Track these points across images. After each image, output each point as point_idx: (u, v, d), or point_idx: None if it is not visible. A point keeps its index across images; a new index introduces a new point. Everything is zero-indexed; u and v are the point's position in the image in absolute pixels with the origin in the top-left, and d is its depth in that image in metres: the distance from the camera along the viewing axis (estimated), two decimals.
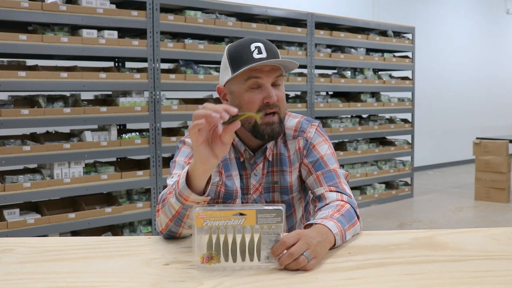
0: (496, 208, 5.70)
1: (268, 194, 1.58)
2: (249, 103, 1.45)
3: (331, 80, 5.56)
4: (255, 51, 1.45)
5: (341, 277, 1.08)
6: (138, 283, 1.06)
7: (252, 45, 1.46)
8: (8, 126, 3.51)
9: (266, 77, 1.45)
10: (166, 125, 4.41)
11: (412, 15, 8.16)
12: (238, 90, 1.47)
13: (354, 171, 5.81)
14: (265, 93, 1.45)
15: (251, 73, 1.44)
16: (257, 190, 1.57)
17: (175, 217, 1.28)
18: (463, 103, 9.32)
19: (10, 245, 1.29)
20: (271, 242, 1.14)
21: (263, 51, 1.45)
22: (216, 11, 4.61)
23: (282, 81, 1.51)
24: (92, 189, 3.89)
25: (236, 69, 1.45)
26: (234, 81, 1.48)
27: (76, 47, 3.77)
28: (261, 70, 1.45)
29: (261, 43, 1.47)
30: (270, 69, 1.46)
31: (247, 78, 1.45)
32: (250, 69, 1.44)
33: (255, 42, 1.47)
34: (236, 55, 1.47)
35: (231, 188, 1.55)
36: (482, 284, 1.05)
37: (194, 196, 1.21)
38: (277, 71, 1.47)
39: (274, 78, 1.47)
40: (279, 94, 1.47)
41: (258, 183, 1.56)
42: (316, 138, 1.58)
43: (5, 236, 3.36)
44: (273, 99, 1.44)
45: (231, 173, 1.56)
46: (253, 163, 1.56)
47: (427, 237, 1.37)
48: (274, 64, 1.45)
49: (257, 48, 1.45)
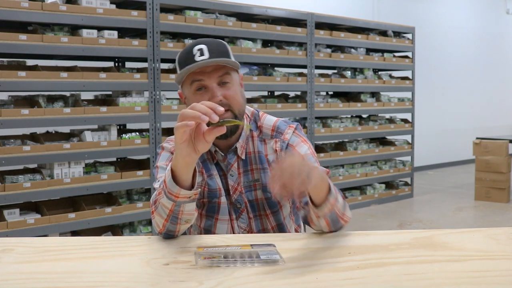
0: (496, 208, 5.70)
1: (250, 192, 1.57)
2: None
3: (331, 80, 5.56)
4: (197, 54, 1.45)
5: (341, 277, 1.08)
6: (138, 283, 1.06)
7: (194, 48, 1.47)
8: (8, 126, 3.51)
9: (209, 78, 1.46)
10: (166, 125, 4.41)
11: (412, 15, 8.16)
12: (188, 94, 1.51)
13: (354, 171, 5.81)
14: (210, 94, 1.46)
15: (194, 76, 1.47)
16: (237, 190, 1.57)
17: (170, 216, 1.30)
18: (463, 103, 9.32)
19: (10, 245, 1.29)
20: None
21: (205, 53, 1.45)
22: (216, 11, 4.61)
23: (232, 79, 1.49)
24: (92, 189, 3.89)
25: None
26: (184, 86, 1.52)
27: (76, 47, 3.77)
28: (203, 72, 1.46)
29: (205, 45, 1.47)
30: (213, 69, 1.46)
31: (191, 82, 1.48)
32: (193, 73, 1.46)
33: (198, 45, 1.47)
34: (181, 60, 1.51)
35: (214, 187, 1.56)
36: (482, 284, 1.05)
37: (183, 192, 1.25)
38: (220, 70, 1.47)
39: (218, 77, 1.47)
40: (227, 92, 1.46)
41: (236, 183, 1.56)
42: (294, 140, 1.58)
43: (5, 236, 3.36)
44: (217, 99, 1.44)
45: (211, 172, 1.57)
46: (227, 164, 1.57)
47: (427, 237, 1.37)
48: (216, 64, 1.45)
49: (199, 50, 1.46)
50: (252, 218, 1.58)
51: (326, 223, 1.37)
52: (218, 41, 1.51)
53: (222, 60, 1.45)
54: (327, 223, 1.37)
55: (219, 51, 1.47)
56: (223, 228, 1.57)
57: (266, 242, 1.29)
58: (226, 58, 1.46)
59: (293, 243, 1.32)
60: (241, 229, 1.58)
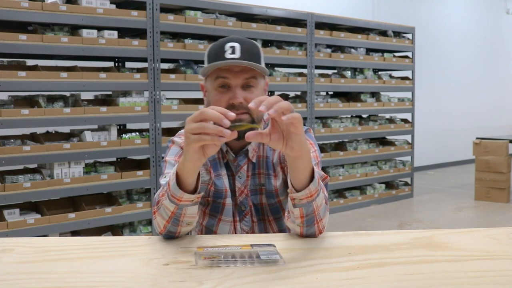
0: (496, 208, 5.70)
1: (256, 196, 1.57)
2: (215, 102, 1.47)
3: (331, 80, 5.56)
4: (228, 51, 1.43)
5: (341, 277, 1.08)
6: (138, 283, 1.06)
7: (227, 45, 1.45)
8: (8, 126, 3.52)
9: (235, 78, 1.44)
10: (166, 125, 4.41)
11: (412, 15, 8.16)
12: (210, 88, 1.50)
13: (354, 171, 5.81)
14: (231, 93, 1.45)
15: (220, 72, 1.45)
16: (243, 193, 1.56)
17: (172, 218, 1.29)
18: (463, 103, 9.32)
19: (10, 245, 1.29)
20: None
21: (236, 51, 1.43)
22: (216, 11, 4.61)
23: (257, 83, 1.48)
24: (92, 189, 3.89)
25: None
26: (208, 79, 1.51)
27: (76, 47, 3.77)
28: (230, 70, 1.44)
29: (238, 43, 1.45)
30: (240, 70, 1.44)
31: (216, 77, 1.46)
32: (219, 69, 1.44)
33: (231, 42, 1.45)
34: (212, 53, 1.48)
35: (221, 188, 1.55)
36: (482, 284, 1.05)
37: (187, 196, 1.24)
38: (248, 72, 1.45)
39: (244, 79, 1.45)
40: (249, 96, 1.44)
41: (243, 185, 1.56)
42: None
43: (5, 236, 3.36)
44: (237, 100, 1.43)
45: (220, 173, 1.56)
46: (236, 165, 1.56)
47: (427, 237, 1.37)
48: (245, 66, 1.43)
49: (231, 48, 1.44)
50: (256, 222, 1.57)
51: (300, 215, 1.28)
52: (252, 42, 1.50)
53: (252, 64, 1.43)
54: (301, 215, 1.28)
55: (251, 53, 1.45)
56: (225, 228, 1.57)
57: (266, 242, 1.29)
58: (256, 61, 1.45)
59: (293, 243, 1.32)
60: (243, 232, 1.57)
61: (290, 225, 1.37)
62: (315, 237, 1.36)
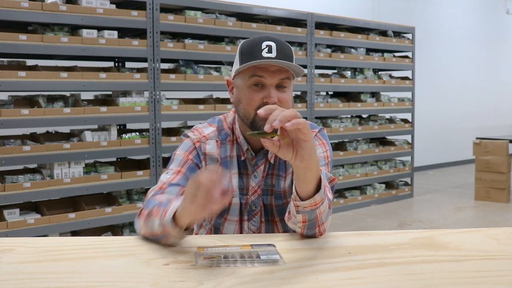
0: (496, 208, 5.70)
1: (267, 196, 1.56)
2: (248, 99, 1.46)
3: (331, 80, 5.56)
4: (265, 50, 1.43)
5: (341, 277, 1.08)
6: (138, 283, 1.06)
7: (264, 43, 1.44)
8: (8, 126, 3.51)
9: (270, 77, 1.44)
10: (166, 125, 4.41)
11: (412, 15, 8.16)
12: (242, 85, 1.48)
13: (354, 171, 5.81)
14: (266, 92, 1.44)
15: (256, 71, 1.44)
16: (255, 192, 1.55)
17: (154, 236, 1.30)
18: (463, 103, 9.32)
19: (10, 245, 1.29)
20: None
21: (273, 50, 1.43)
22: (216, 11, 4.61)
23: (289, 84, 1.48)
24: (92, 189, 3.89)
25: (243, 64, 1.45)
26: (241, 76, 1.48)
27: (76, 47, 3.77)
28: (266, 69, 1.43)
29: (274, 43, 1.45)
30: (276, 70, 1.44)
31: (251, 75, 1.45)
32: (255, 67, 1.43)
33: (268, 41, 1.45)
34: (247, 50, 1.47)
35: (227, 187, 1.54)
36: (482, 284, 1.05)
37: (176, 231, 1.22)
38: (283, 73, 1.44)
39: (279, 79, 1.44)
40: (282, 96, 1.45)
41: (257, 185, 1.55)
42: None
43: (5, 236, 3.36)
44: (272, 100, 1.42)
45: (230, 171, 1.55)
46: (254, 164, 1.55)
47: (427, 237, 1.37)
48: (281, 66, 1.43)
49: (268, 46, 1.44)
50: (264, 222, 1.57)
51: (302, 220, 1.30)
52: (286, 43, 1.50)
53: (290, 64, 1.42)
54: (303, 221, 1.30)
55: (286, 54, 1.45)
56: (230, 228, 1.56)
57: (266, 242, 1.29)
58: (290, 61, 1.44)
59: (293, 243, 1.32)
60: (250, 231, 1.56)
61: (291, 225, 1.37)
62: (315, 237, 1.36)
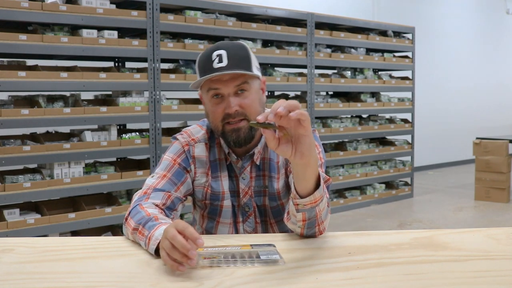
0: (496, 208, 5.70)
1: (259, 198, 1.57)
2: (212, 113, 1.47)
3: (331, 80, 5.56)
4: (216, 60, 1.41)
5: (341, 277, 1.08)
6: (138, 283, 1.06)
7: (214, 53, 1.43)
8: (8, 126, 3.51)
9: (225, 87, 1.43)
10: (166, 125, 4.41)
11: (412, 15, 8.15)
12: (205, 99, 1.50)
13: (354, 171, 5.81)
14: (225, 103, 1.44)
15: (210, 84, 1.44)
16: (247, 194, 1.56)
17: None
18: (463, 103, 9.32)
19: (10, 245, 1.29)
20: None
21: (223, 59, 1.41)
22: (216, 11, 4.61)
23: (250, 87, 1.45)
24: (92, 189, 3.89)
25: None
26: (202, 90, 1.50)
27: (76, 47, 3.77)
28: (219, 80, 1.42)
29: (225, 50, 1.43)
30: (230, 78, 1.42)
31: (208, 89, 1.46)
32: (209, 80, 1.43)
33: (218, 50, 1.43)
34: (201, 64, 1.47)
35: (217, 190, 1.55)
36: (482, 284, 1.05)
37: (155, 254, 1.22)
38: (238, 79, 1.43)
39: (235, 87, 1.43)
40: (243, 102, 1.44)
41: (247, 187, 1.56)
42: None
43: (5, 236, 3.36)
44: (232, 110, 1.42)
45: (218, 174, 1.55)
46: (240, 166, 1.55)
47: (427, 237, 1.37)
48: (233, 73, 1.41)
49: (218, 56, 1.42)
50: (259, 223, 1.58)
51: (302, 219, 1.28)
52: (238, 45, 1.47)
53: (238, 71, 1.41)
54: (304, 219, 1.28)
55: (239, 57, 1.43)
56: (224, 231, 1.57)
57: (266, 242, 1.29)
58: (245, 64, 1.43)
59: (293, 243, 1.32)
60: (246, 233, 1.57)
61: (291, 226, 1.37)
62: (315, 237, 1.36)
